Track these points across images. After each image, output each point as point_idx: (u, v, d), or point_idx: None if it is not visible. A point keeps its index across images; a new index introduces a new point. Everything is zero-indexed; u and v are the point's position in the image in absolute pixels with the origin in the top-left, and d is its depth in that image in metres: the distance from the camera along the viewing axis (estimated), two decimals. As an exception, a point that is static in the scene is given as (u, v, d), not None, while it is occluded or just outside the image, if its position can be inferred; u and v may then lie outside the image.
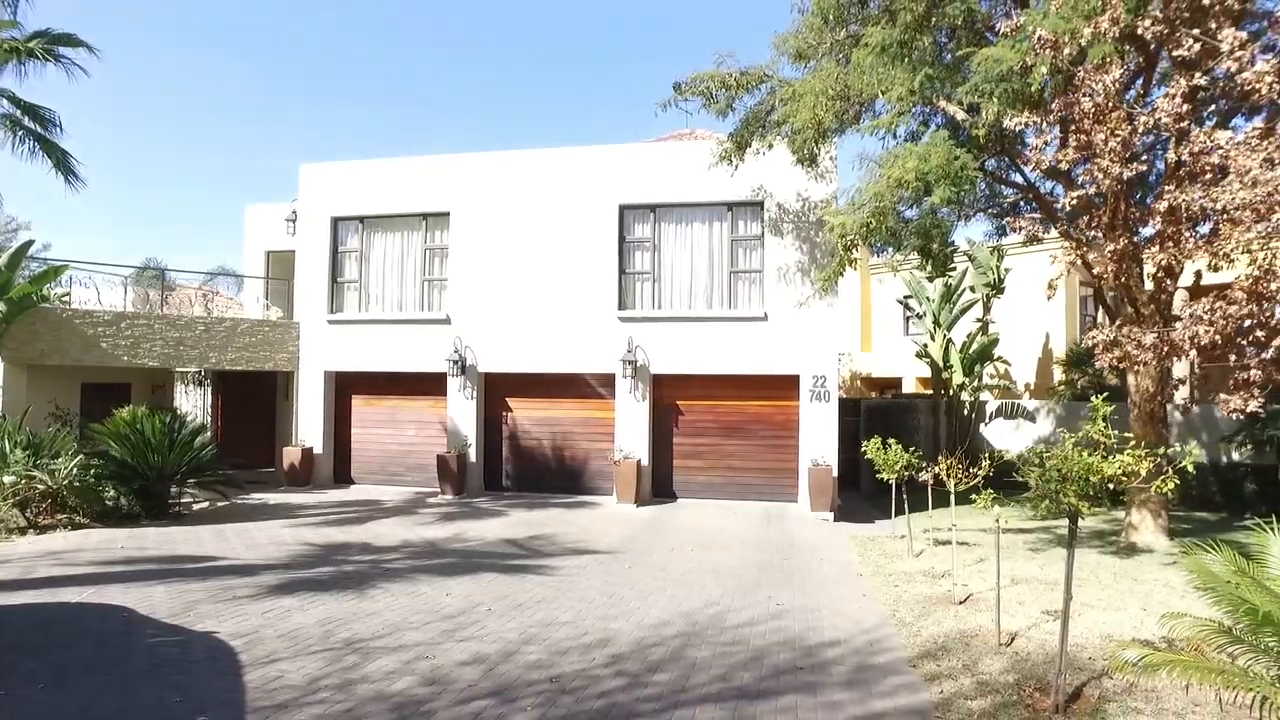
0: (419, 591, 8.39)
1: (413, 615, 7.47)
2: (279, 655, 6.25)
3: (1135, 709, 5.37)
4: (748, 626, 7.30)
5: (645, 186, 15.66)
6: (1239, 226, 7.11)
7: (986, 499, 7.23)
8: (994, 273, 20.30)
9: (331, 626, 7.05)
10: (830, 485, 13.90)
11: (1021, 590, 8.74)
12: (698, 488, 15.52)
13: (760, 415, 15.34)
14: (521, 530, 12.26)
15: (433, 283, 16.93)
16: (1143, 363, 8.85)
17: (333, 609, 7.63)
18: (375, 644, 6.58)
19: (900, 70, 10.49)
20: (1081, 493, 5.33)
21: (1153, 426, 11.66)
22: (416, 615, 7.47)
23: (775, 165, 13.97)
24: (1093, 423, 5.45)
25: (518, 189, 16.26)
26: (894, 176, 9.79)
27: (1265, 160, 6.83)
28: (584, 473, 16.15)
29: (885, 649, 6.71)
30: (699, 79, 13.09)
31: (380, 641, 6.65)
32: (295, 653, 6.31)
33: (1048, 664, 6.13)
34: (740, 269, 15.44)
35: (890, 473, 10.30)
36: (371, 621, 7.23)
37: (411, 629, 7.03)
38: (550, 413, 16.40)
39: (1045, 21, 8.43)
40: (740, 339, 14.97)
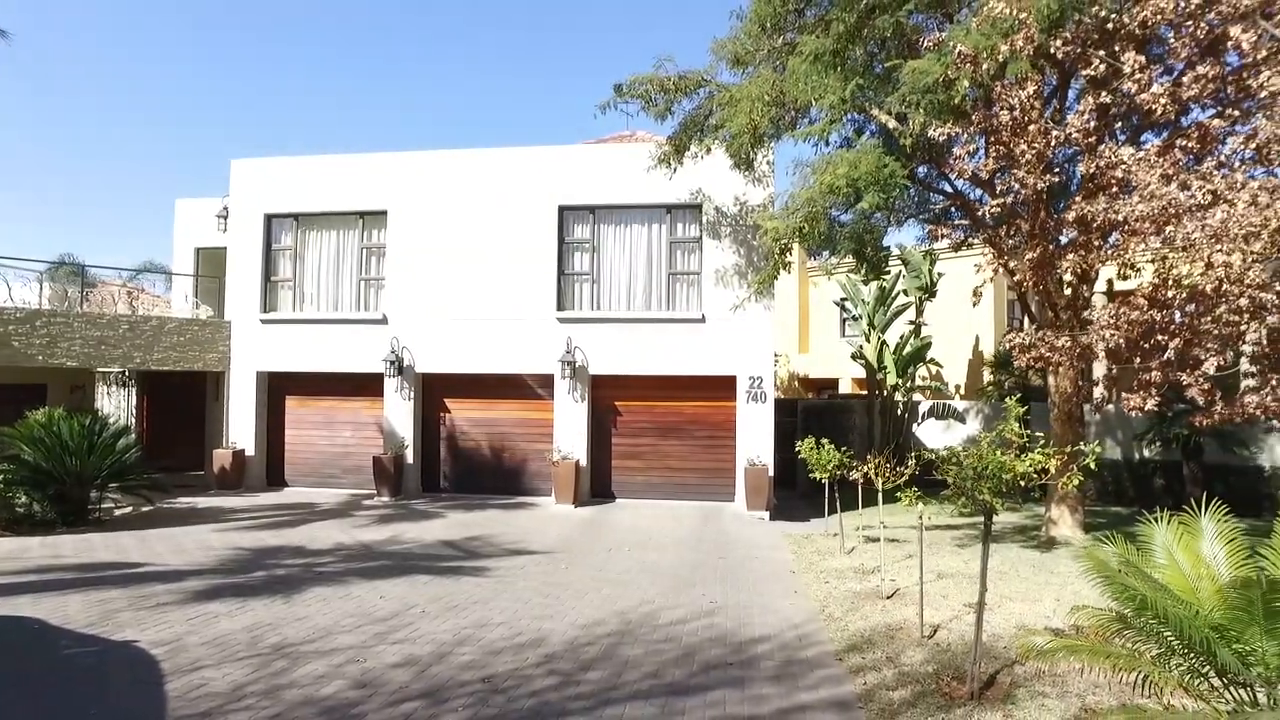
0: (352, 594, 8.29)
1: (345, 619, 7.39)
2: (203, 663, 6.12)
3: (1042, 693, 5.65)
4: (680, 624, 7.42)
5: (585, 188, 15.71)
6: (1136, 237, 7.53)
7: (911, 497, 7.48)
8: (926, 276, 20.90)
9: (260, 632, 6.92)
10: (766, 485, 14.15)
11: (946, 584, 9.05)
12: (636, 488, 15.63)
13: (698, 416, 15.53)
14: (458, 532, 12.19)
15: (370, 282, 16.68)
16: (1057, 365, 9.27)
17: (262, 614, 7.49)
18: (305, 648, 6.49)
19: (833, 79, 10.76)
20: (995, 490, 5.58)
21: (1070, 425, 12.19)
22: (349, 619, 7.39)
23: (713, 169, 14.17)
24: (1007, 423, 5.71)
25: (457, 188, 16.14)
26: (826, 182, 10.05)
27: (1162, 176, 7.24)
28: (522, 473, 16.12)
29: (813, 643, 6.89)
30: (638, 82, 13.21)
31: (311, 646, 6.57)
32: (221, 660, 6.19)
33: (966, 654, 6.38)
34: (679, 271, 15.61)
35: (823, 472, 10.55)
36: (302, 626, 7.12)
37: (343, 632, 6.95)
38: (489, 413, 16.32)
39: (967, 38, 8.78)
40: (678, 340, 15.14)
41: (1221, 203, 6.51)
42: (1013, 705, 5.46)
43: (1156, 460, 16.78)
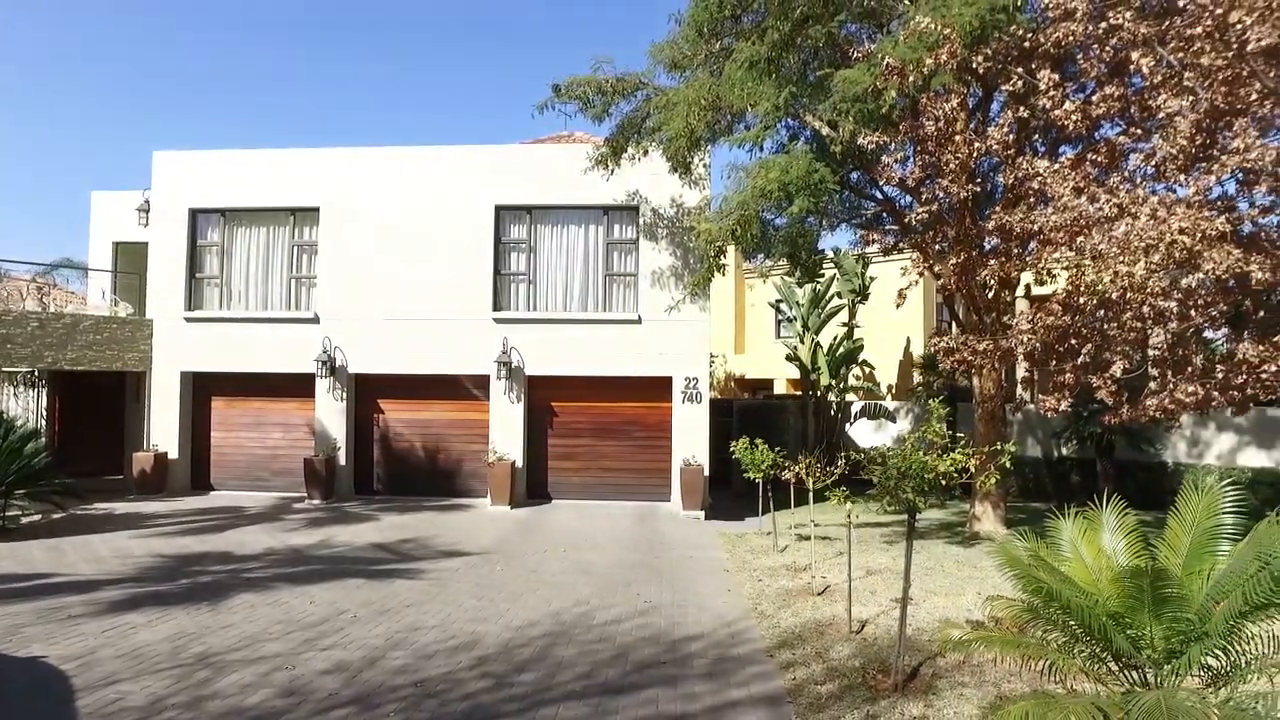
0: (281, 601, 8.10)
1: (273, 626, 7.22)
2: (119, 676, 5.90)
3: (961, 683, 5.89)
4: (615, 624, 7.47)
5: (522, 188, 15.64)
6: (1050, 246, 7.91)
7: (840, 496, 7.68)
8: (859, 280, 21.42)
9: (182, 642, 6.71)
10: (701, 484, 14.31)
11: (874, 580, 9.30)
12: (573, 489, 15.63)
13: (634, 416, 15.62)
14: (392, 534, 12.02)
15: (301, 280, 16.29)
16: (980, 367, 9.64)
17: (184, 623, 7.26)
18: (231, 657, 6.33)
19: (768, 86, 10.96)
20: (918, 489, 5.79)
21: (993, 425, 12.66)
22: (277, 625, 7.23)
23: (651, 171, 14.27)
24: (929, 425, 5.93)
25: (391, 186, 15.88)
26: (758, 186, 10.24)
27: (1074, 188, 7.62)
28: (458, 475, 15.96)
29: (745, 640, 7.02)
30: (576, 83, 13.23)
31: (236, 654, 6.40)
32: (139, 672, 5.99)
33: (891, 648, 6.57)
34: (615, 272, 15.67)
35: (756, 472, 10.73)
36: (227, 634, 6.93)
37: (271, 640, 6.79)
38: (423, 414, 16.11)
39: (894, 50, 9.06)
40: (615, 341, 15.20)
41: (1126, 216, 6.88)
42: (934, 696, 5.67)
43: (1073, 457, 17.53)
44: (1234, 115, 6.84)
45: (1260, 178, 6.57)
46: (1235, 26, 6.28)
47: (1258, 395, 7.14)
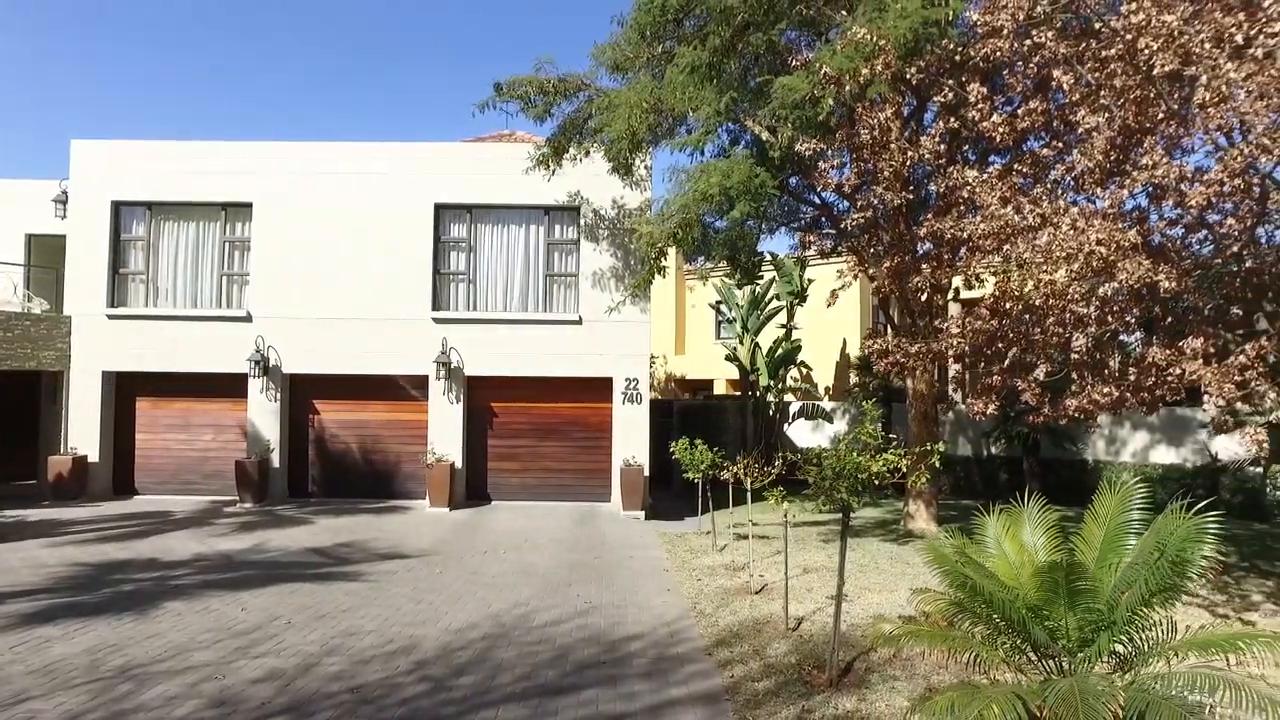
0: (210, 608, 7.87)
1: (201, 634, 7.01)
2: (30, 693, 5.64)
3: (893, 676, 6.09)
4: (555, 625, 7.48)
5: (462, 186, 15.49)
6: (978, 254, 8.23)
7: (777, 496, 7.84)
8: (798, 282, 21.78)
9: (103, 655, 6.45)
10: (642, 485, 14.40)
11: (811, 578, 9.52)
12: (513, 490, 15.56)
13: (575, 417, 15.62)
14: (328, 538, 11.78)
15: (233, 277, 15.81)
16: (912, 369, 9.93)
17: (105, 635, 6.99)
18: (156, 669, 6.12)
19: (709, 91, 11.10)
20: (852, 489, 5.95)
21: (926, 425, 13.05)
22: (206, 634, 7.02)
23: (592, 172, 14.29)
24: (863, 425, 6.10)
25: (328, 183, 15.53)
26: (700, 190, 10.37)
27: (1001, 198, 7.93)
28: (396, 476, 15.73)
29: (684, 639, 7.12)
30: (518, 83, 13.17)
31: (162, 665, 6.20)
32: (53, 688, 5.73)
33: (827, 644, 6.73)
34: (556, 272, 15.65)
35: (696, 472, 10.85)
36: (152, 645, 6.71)
37: (200, 649, 6.60)
38: (361, 415, 15.82)
39: (832, 59, 9.29)
40: (555, 342, 15.18)
41: (1048, 226, 7.21)
42: (867, 689, 5.85)
43: (1002, 456, 18.19)
44: (1144, 134, 7.22)
45: (1167, 193, 6.95)
46: (1143, 52, 6.63)
47: (1165, 396, 7.56)
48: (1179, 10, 6.45)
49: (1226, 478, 15.94)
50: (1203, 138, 7.03)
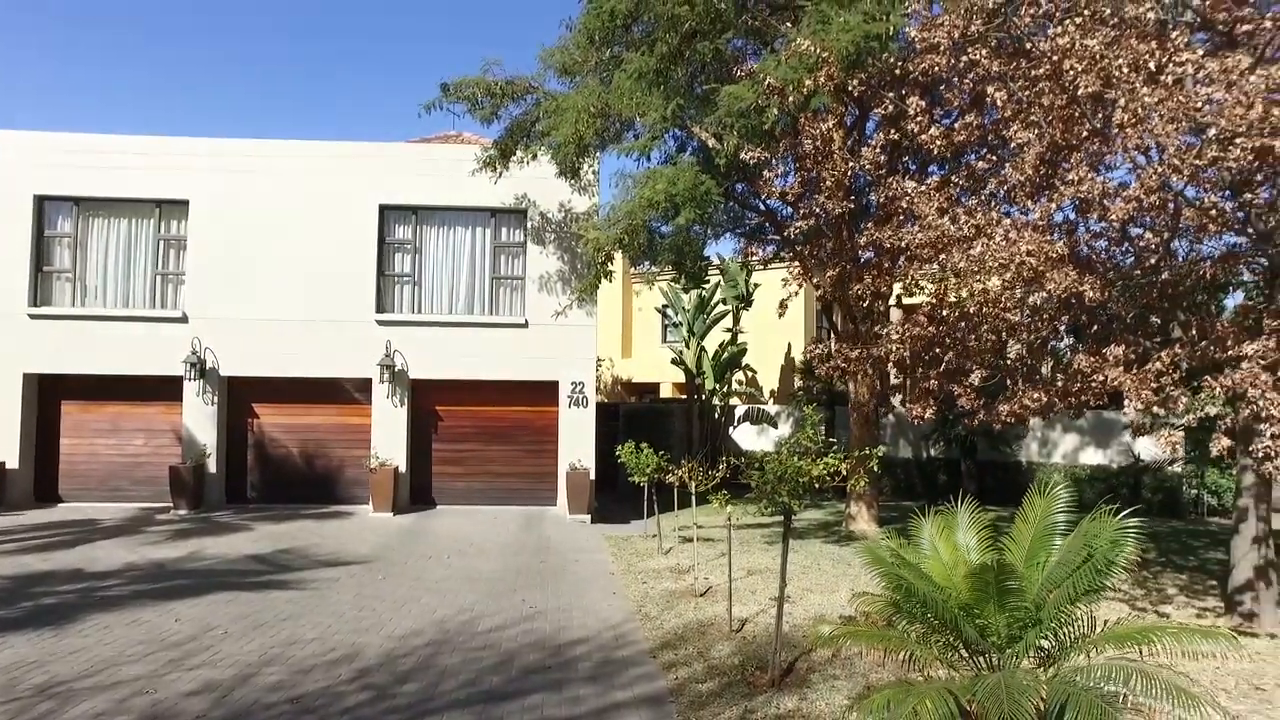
0: (142, 620, 7.60)
1: (131, 647, 6.77)
2: (-58, 715, 5.38)
3: (834, 675, 6.24)
4: (500, 630, 7.46)
5: (408, 188, 15.32)
6: (916, 262, 8.50)
7: (721, 500, 7.96)
8: (743, 287, 22.11)
9: (20, 672, 6.11)
10: (588, 488, 14.42)
11: (755, 580, 9.66)
12: (458, 494, 15.42)
13: (521, 420, 15.57)
14: (267, 544, 11.51)
15: (167, 277, 15.34)
16: (853, 374, 10.17)
17: (24, 651, 6.63)
18: (80, 685, 5.87)
19: (656, 97, 11.20)
20: (794, 492, 6.08)
21: (868, 428, 13.36)
22: (136, 647, 6.78)
23: (539, 175, 14.28)
24: (804, 430, 6.24)
25: (269, 181, 15.17)
26: (646, 196, 10.47)
27: (938, 209, 8.21)
28: (339, 481, 15.45)
29: (629, 643, 7.16)
30: (465, 84, 13.12)
31: (87, 681, 5.94)
32: (-33, 708, 5.47)
33: (769, 645, 6.86)
34: (502, 275, 15.59)
35: (641, 476, 10.92)
36: (77, 660, 6.42)
37: (129, 663, 6.37)
38: (302, 419, 15.49)
39: (776, 70, 9.48)
40: (501, 345, 15.11)
41: (982, 236, 7.49)
42: (808, 689, 5.98)
43: (940, 458, 18.71)
44: (1071, 150, 7.55)
45: (1092, 207, 7.28)
46: (1068, 73, 6.95)
47: (1089, 400, 7.93)
48: (1100, 36, 6.77)
49: (1148, 477, 16.70)
50: (1122, 156, 7.38)
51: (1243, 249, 7.80)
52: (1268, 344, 6.63)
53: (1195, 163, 6.27)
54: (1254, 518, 7.93)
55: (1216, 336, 7.20)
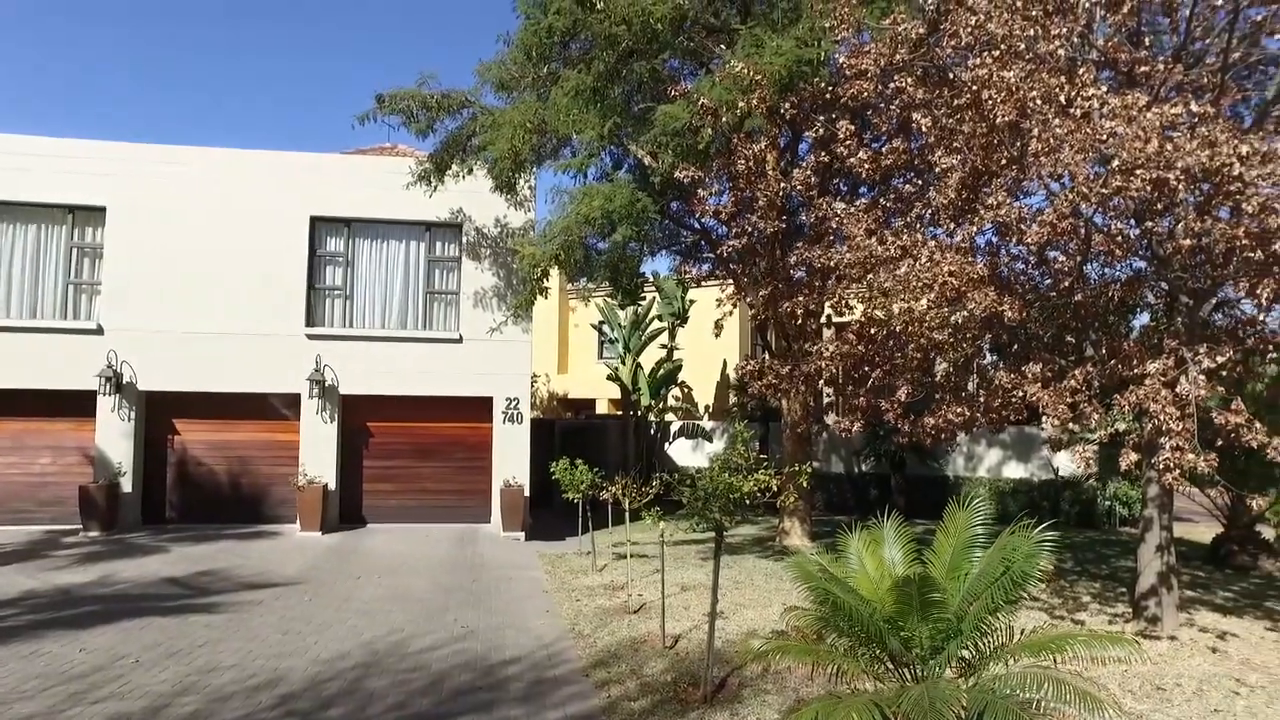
0: (42, 651, 7.13)
1: (29, 681, 6.32)
2: None
3: (765, 690, 6.30)
4: (430, 651, 7.32)
5: (341, 200, 15.02)
6: (844, 282, 8.74)
7: (654, 516, 7.99)
8: (679, 303, 22.31)
9: (-109, 717, 5.62)
10: (522, 505, 14.29)
11: (689, 596, 9.70)
12: (389, 512, 15.09)
13: (454, 437, 15.35)
14: (186, 567, 11.04)
15: (81, 287, 14.66)
16: (785, 391, 10.35)
17: (-100, 692, 6.07)
18: (-37, 727, 5.47)
19: (592, 115, 11.27)
20: (725, 508, 6.14)
21: (800, 444, 13.58)
22: (33, 681, 6.34)
23: (476, 190, 14.15)
24: (734, 447, 6.33)
25: (195, 189, 14.64)
26: (582, 213, 10.51)
27: (866, 230, 8.46)
28: (264, 500, 14.94)
29: (562, 661, 7.11)
30: (400, 96, 12.98)
31: (-30, 722, 5.52)
32: None
33: (702, 661, 6.90)
34: (437, 290, 15.40)
35: (575, 492, 10.88)
36: (-38, 698, 5.94)
37: (23, 699, 5.92)
38: (226, 435, 14.94)
39: (710, 91, 9.66)
40: (435, 360, 14.90)
41: (908, 257, 7.75)
42: (739, 704, 6.03)
43: (872, 473, 19.12)
44: (991, 175, 7.90)
45: (1010, 231, 7.61)
46: (987, 103, 7.28)
47: (1010, 416, 8.27)
48: (1017, 68, 7.12)
49: (1066, 490, 17.39)
50: (1037, 183, 7.74)
51: (1146, 273, 8.24)
52: (1167, 363, 7.01)
53: (1102, 191, 6.61)
54: (1158, 527, 8.34)
55: (1124, 355, 7.59)
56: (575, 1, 11.03)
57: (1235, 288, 7.38)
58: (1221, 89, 7.33)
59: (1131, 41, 7.90)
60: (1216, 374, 7.21)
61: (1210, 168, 6.12)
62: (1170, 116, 6.44)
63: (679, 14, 10.76)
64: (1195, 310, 7.92)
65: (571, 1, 11.08)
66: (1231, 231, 6.52)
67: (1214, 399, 7.61)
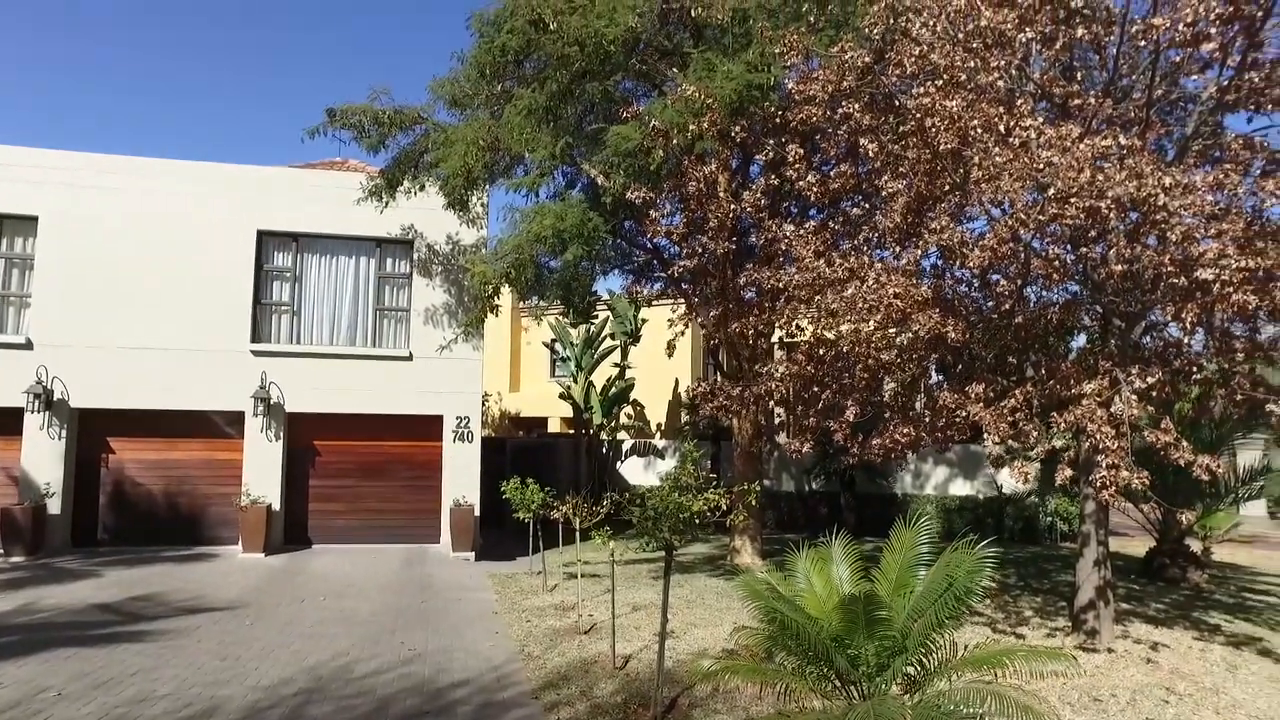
0: (-46, 685, 6.72)
1: (-63, 721, 5.95)
2: None
3: (715, 710, 6.30)
4: (376, 675, 7.16)
5: (289, 214, 14.76)
6: (793, 303, 8.90)
7: (604, 536, 7.97)
8: (631, 322, 22.35)
9: None
10: (472, 525, 14.11)
11: (640, 616, 9.66)
12: (336, 532, 14.76)
13: (403, 455, 15.12)
14: (118, 592, 10.59)
15: (9, 299, 14.11)
16: (735, 412, 10.44)
17: None
18: None
19: (545, 134, 11.31)
20: (674, 528, 6.16)
21: (751, 463, 13.67)
22: (-58, 719, 5.96)
23: (427, 206, 14.03)
24: (684, 467, 6.36)
25: (133, 200, 14.22)
26: (533, 231, 10.52)
27: (815, 252, 8.64)
28: (205, 521, 14.46)
29: (512, 683, 7.02)
30: (352, 111, 12.86)
31: None
32: None
33: (652, 681, 6.88)
34: (387, 307, 15.20)
35: (526, 512, 10.80)
36: None
37: (-70, 738, 5.61)
38: (166, 455, 14.45)
39: (662, 114, 9.78)
40: (384, 378, 14.68)
41: (855, 279, 7.93)
42: (688, 724, 6.02)
43: (822, 491, 19.31)
44: (935, 200, 8.15)
45: (954, 254, 7.85)
46: (931, 130, 7.52)
47: (954, 435, 8.48)
48: (959, 98, 7.37)
49: (1010, 507, 17.82)
50: (979, 208, 8.00)
51: (1082, 297, 8.55)
52: (1102, 383, 7.27)
53: (1039, 218, 6.87)
54: (1094, 542, 8.60)
55: (1061, 376, 7.84)
56: (528, 21, 11.08)
57: (1163, 312, 7.70)
58: (1147, 123, 7.68)
59: (1065, 75, 8.25)
60: (1147, 394, 7.50)
61: (1138, 197, 6.41)
62: (1101, 148, 6.73)
63: (631, 36, 10.88)
64: (1127, 333, 8.25)
65: (525, 21, 11.12)
66: (1158, 258, 6.82)
67: (1145, 418, 7.93)
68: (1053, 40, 7.65)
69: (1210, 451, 8.72)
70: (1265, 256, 6.30)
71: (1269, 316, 7.26)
